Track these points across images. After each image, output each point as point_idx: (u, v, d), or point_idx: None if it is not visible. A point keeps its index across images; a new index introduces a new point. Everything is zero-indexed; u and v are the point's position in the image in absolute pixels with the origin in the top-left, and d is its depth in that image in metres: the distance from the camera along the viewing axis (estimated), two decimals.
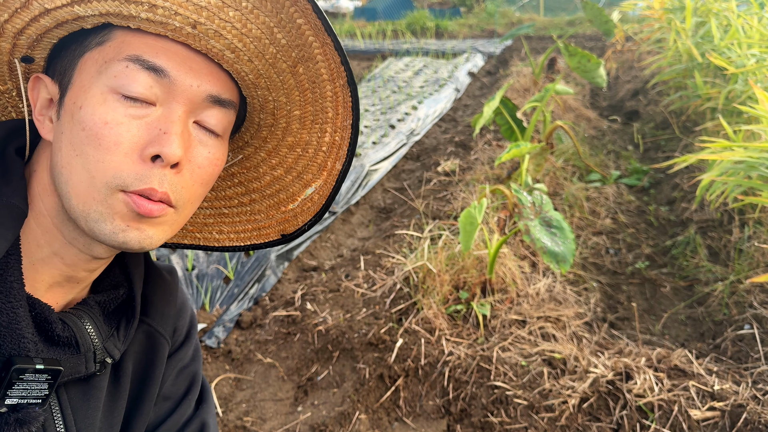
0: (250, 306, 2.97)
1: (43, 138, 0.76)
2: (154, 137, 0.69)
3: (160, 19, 0.67)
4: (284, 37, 0.73)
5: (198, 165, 0.74)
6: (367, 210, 4.31)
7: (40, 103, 0.76)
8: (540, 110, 3.88)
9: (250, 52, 0.72)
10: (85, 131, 0.68)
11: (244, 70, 0.74)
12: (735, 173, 2.87)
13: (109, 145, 0.67)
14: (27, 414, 0.68)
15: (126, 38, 0.70)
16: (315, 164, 0.86)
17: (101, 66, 0.70)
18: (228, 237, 0.97)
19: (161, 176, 0.69)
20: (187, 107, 0.71)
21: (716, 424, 1.95)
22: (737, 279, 2.83)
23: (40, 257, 0.75)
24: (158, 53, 0.69)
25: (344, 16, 15.91)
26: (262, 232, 0.96)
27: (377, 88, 7.41)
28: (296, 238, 0.95)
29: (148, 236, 0.72)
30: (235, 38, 0.70)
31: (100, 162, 0.68)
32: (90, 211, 0.69)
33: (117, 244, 0.71)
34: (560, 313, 2.59)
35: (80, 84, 0.71)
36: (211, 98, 0.73)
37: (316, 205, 0.90)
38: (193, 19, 0.67)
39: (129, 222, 0.70)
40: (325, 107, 0.80)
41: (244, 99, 0.82)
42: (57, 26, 0.70)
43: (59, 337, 0.73)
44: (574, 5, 13.21)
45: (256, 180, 0.92)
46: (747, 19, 4.48)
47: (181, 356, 0.97)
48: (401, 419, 2.22)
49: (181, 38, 0.69)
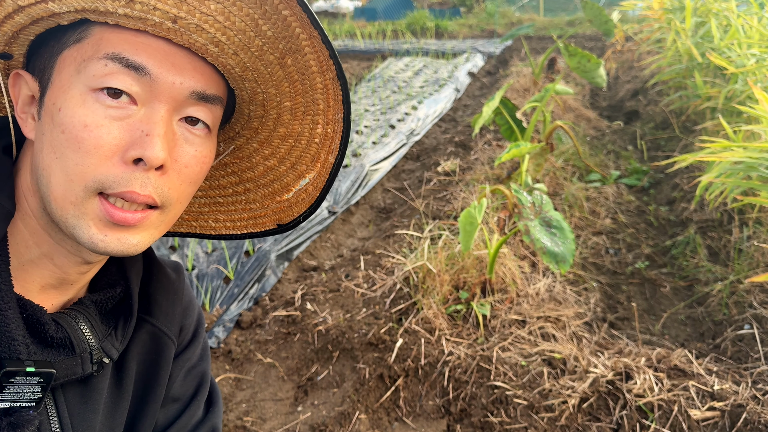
0: (250, 306, 2.98)
1: (26, 137, 0.74)
2: (135, 139, 0.66)
3: (138, 14, 0.64)
4: (270, 29, 0.70)
5: (185, 164, 0.72)
6: (367, 210, 4.31)
7: (22, 100, 0.74)
8: (540, 110, 3.88)
9: (235, 45, 0.70)
10: (64, 134, 0.66)
11: (229, 64, 0.72)
12: (734, 173, 2.87)
13: (89, 148, 0.65)
14: (20, 417, 0.67)
15: (104, 34, 0.67)
16: (308, 155, 0.86)
17: (80, 64, 0.67)
18: (224, 225, 0.97)
19: (144, 179, 0.67)
20: (170, 105, 0.69)
21: (716, 424, 1.95)
22: (737, 279, 2.83)
23: (29, 258, 0.74)
24: (138, 50, 0.66)
25: (344, 16, 15.91)
26: (258, 221, 0.95)
27: (377, 88, 7.41)
28: (292, 228, 0.95)
29: (131, 244, 0.70)
30: (218, 32, 0.68)
31: (79, 165, 0.66)
32: (68, 215, 0.68)
33: (99, 252, 0.69)
34: (560, 313, 2.59)
35: (59, 84, 0.68)
36: (196, 95, 0.71)
37: (311, 196, 0.89)
38: (173, 14, 0.65)
39: (106, 231, 0.68)
40: (315, 99, 0.79)
41: (232, 90, 0.80)
42: (33, 23, 0.68)
43: (53, 338, 0.71)
44: (574, 5, 13.21)
45: (250, 170, 0.92)
46: (747, 19, 4.48)
47: (188, 356, 0.95)
48: (401, 419, 2.22)
49: (162, 33, 0.67)
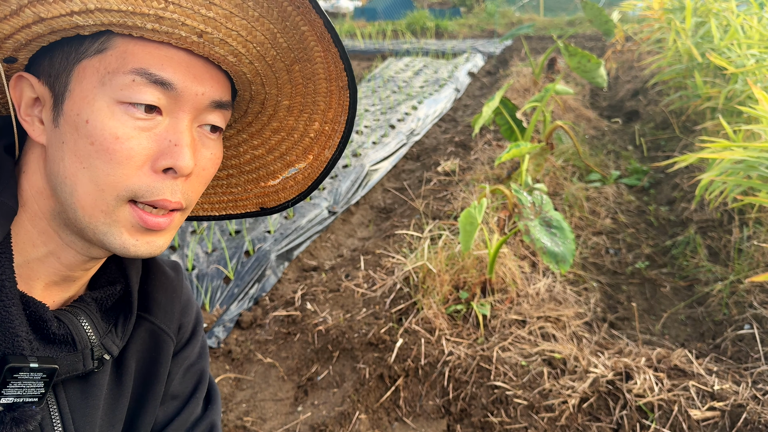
0: (250, 306, 2.98)
1: (34, 140, 0.74)
2: (164, 149, 0.69)
3: (166, 29, 0.66)
4: (286, 41, 0.73)
5: (203, 167, 0.76)
6: (367, 210, 4.31)
7: (25, 102, 0.74)
8: (540, 110, 3.88)
9: (252, 56, 0.73)
10: (94, 145, 0.68)
11: (243, 71, 0.75)
12: (734, 173, 2.87)
13: (122, 159, 0.68)
14: (23, 413, 0.68)
15: (128, 47, 0.68)
16: (300, 147, 0.86)
17: (104, 77, 0.68)
18: (201, 207, 0.98)
19: (173, 187, 0.71)
20: (192, 115, 0.72)
21: (716, 424, 1.95)
22: (737, 279, 2.83)
23: (35, 257, 0.75)
24: (164, 65, 0.68)
25: (344, 16, 15.91)
26: (239, 204, 0.97)
27: (377, 88, 7.41)
28: (277, 212, 0.96)
29: (158, 246, 0.74)
30: (239, 45, 0.70)
31: (111, 176, 0.68)
32: (98, 223, 0.70)
33: (130, 256, 0.73)
34: (560, 313, 2.59)
35: (81, 94, 0.69)
36: (215, 103, 0.74)
37: (300, 185, 0.90)
38: (200, 30, 0.67)
39: (137, 236, 0.72)
40: (317, 101, 0.80)
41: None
42: (51, 33, 0.68)
43: (55, 335, 0.73)
44: (574, 5, 13.21)
45: (235, 158, 0.92)
46: (747, 19, 4.48)
47: (187, 354, 0.97)
48: (401, 419, 2.22)
49: (185, 45, 0.69)
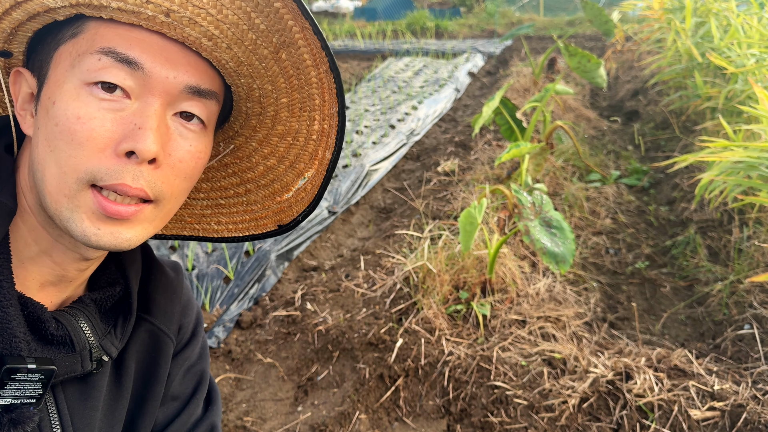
0: (250, 306, 2.98)
1: (25, 133, 0.75)
2: (128, 132, 0.67)
3: (131, 8, 0.65)
4: (263, 22, 0.71)
5: (179, 159, 0.73)
6: (367, 210, 4.31)
7: (22, 97, 0.75)
8: (540, 110, 3.88)
9: (228, 38, 0.70)
10: (58, 126, 0.67)
11: (223, 58, 0.73)
12: (734, 173, 2.87)
13: (82, 140, 0.66)
14: (21, 414, 0.67)
15: (99, 29, 0.68)
16: (306, 153, 0.86)
17: (74, 59, 0.68)
18: (226, 228, 0.97)
19: (136, 172, 0.68)
20: (163, 100, 0.69)
21: (716, 424, 1.95)
22: (737, 279, 2.83)
23: (29, 255, 0.74)
24: (132, 44, 0.67)
25: (344, 16, 15.91)
26: (260, 222, 0.96)
27: (377, 88, 7.41)
28: (292, 228, 0.95)
29: (125, 238, 0.70)
30: (211, 25, 0.68)
31: (72, 157, 0.66)
32: (61, 208, 0.68)
33: (92, 246, 0.70)
34: (560, 313, 2.59)
35: (55, 78, 0.69)
36: (190, 89, 0.71)
37: (309, 195, 0.90)
38: (166, 7, 0.65)
39: (99, 224, 0.68)
40: (311, 94, 0.79)
41: (230, 88, 0.81)
42: (30, 19, 0.69)
43: (53, 335, 0.72)
44: (574, 5, 13.21)
45: (250, 170, 0.92)
46: (747, 19, 4.49)
47: (187, 355, 0.96)
48: (401, 419, 2.22)
49: (156, 27, 0.67)
